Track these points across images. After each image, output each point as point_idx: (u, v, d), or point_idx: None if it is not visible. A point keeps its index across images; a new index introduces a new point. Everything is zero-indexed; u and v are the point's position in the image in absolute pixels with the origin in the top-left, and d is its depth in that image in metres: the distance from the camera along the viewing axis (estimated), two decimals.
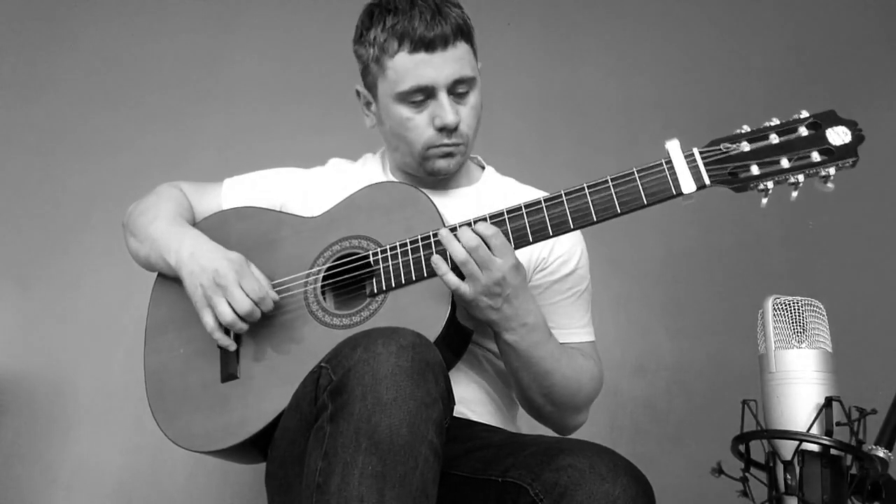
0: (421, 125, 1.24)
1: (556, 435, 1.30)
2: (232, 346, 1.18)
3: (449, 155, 1.27)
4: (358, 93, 1.33)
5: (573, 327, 1.31)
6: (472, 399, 1.25)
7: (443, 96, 1.22)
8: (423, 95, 1.22)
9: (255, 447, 1.16)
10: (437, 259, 1.09)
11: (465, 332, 1.16)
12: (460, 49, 1.21)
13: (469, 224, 1.10)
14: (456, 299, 1.11)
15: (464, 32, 1.22)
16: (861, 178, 1.98)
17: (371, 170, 1.39)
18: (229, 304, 1.14)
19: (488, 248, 1.07)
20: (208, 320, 1.16)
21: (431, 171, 1.29)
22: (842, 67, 2.28)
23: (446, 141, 1.25)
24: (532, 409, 1.28)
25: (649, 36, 2.35)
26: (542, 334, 1.16)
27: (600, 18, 2.36)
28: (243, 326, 1.15)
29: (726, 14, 2.37)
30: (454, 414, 1.02)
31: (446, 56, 1.20)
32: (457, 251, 1.07)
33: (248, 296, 1.14)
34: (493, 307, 1.10)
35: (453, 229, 1.11)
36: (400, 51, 1.20)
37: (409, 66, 1.20)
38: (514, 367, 1.19)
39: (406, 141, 1.26)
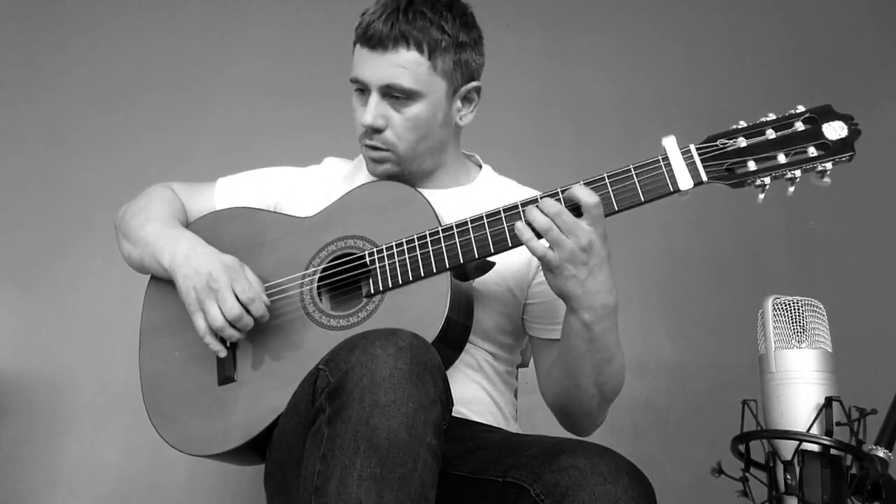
0: (358, 117, 1.26)
1: (556, 435, 1.29)
2: (222, 353, 1.17)
3: (377, 160, 1.27)
4: None
5: None
6: (471, 399, 1.25)
7: (373, 96, 1.22)
8: (362, 88, 1.24)
9: (253, 450, 1.15)
10: (521, 226, 1.05)
11: (464, 328, 1.16)
12: (403, 57, 1.19)
13: (557, 194, 1.07)
14: (542, 267, 1.08)
15: (415, 42, 1.19)
16: (861, 179, 1.99)
17: (367, 169, 1.39)
18: (220, 308, 1.13)
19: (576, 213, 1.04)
20: (200, 324, 1.15)
21: (368, 170, 1.30)
22: (841, 67, 2.28)
23: (367, 141, 1.25)
24: (572, 406, 1.22)
25: (649, 36, 2.35)
26: (615, 319, 1.12)
27: (600, 18, 2.36)
28: (233, 333, 1.14)
29: (725, 14, 2.37)
30: (454, 414, 1.01)
31: (384, 58, 1.19)
32: (538, 219, 1.04)
33: (238, 300, 1.13)
34: (578, 278, 1.05)
35: (552, 194, 1.07)
36: (358, 41, 1.23)
37: (356, 58, 1.23)
38: (579, 352, 1.13)
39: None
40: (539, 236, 1.05)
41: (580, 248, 1.03)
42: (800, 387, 1.08)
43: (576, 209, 1.04)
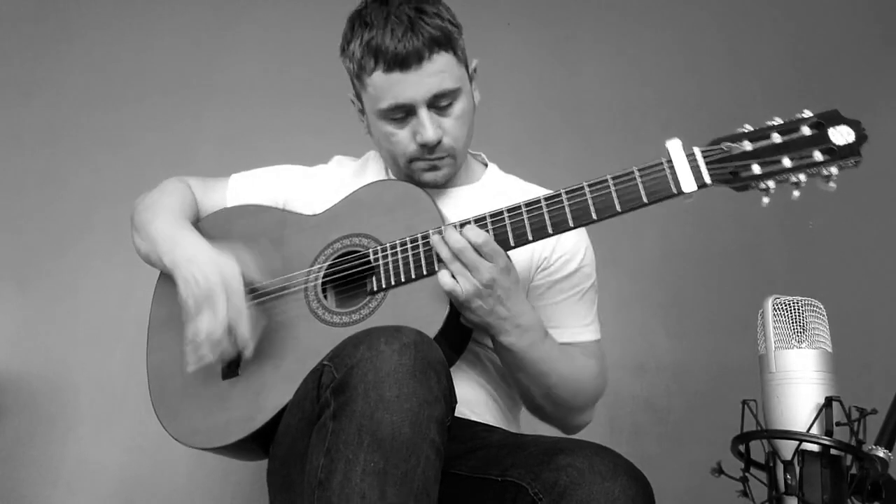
0: (404, 140, 1.24)
1: (556, 435, 1.30)
2: (191, 368, 1.15)
3: (433, 168, 1.27)
4: (352, 100, 1.33)
5: (577, 326, 1.30)
6: (473, 399, 1.25)
7: (422, 113, 1.20)
8: (402, 112, 1.21)
9: (255, 444, 1.16)
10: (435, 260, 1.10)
11: (465, 330, 1.17)
12: (438, 62, 1.18)
13: (455, 226, 1.11)
14: (452, 301, 1.11)
15: (441, 43, 1.18)
16: (861, 179, 1.98)
17: (374, 168, 1.40)
18: (209, 323, 1.12)
19: (478, 251, 1.08)
20: (188, 333, 1.15)
21: (420, 182, 1.28)
22: (842, 68, 2.28)
23: (428, 156, 1.25)
24: (535, 410, 1.28)
25: (649, 36, 2.35)
26: (537, 335, 1.16)
27: (600, 18, 2.36)
28: (206, 354, 1.12)
29: (727, 13, 2.37)
30: (455, 414, 1.02)
31: (422, 72, 1.17)
32: (443, 252, 1.09)
33: (224, 320, 1.11)
34: (486, 308, 1.10)
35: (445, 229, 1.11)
36: (376, 69, 1.18)
37: (386, 86, 1.18)
38: (512, 369, 1.19)
39: (392, 154, 1.27)
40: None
41: (483, 283, 1.08)
42: (800, 387, 1.08)
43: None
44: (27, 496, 1.92)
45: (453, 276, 1.09)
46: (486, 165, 1.42)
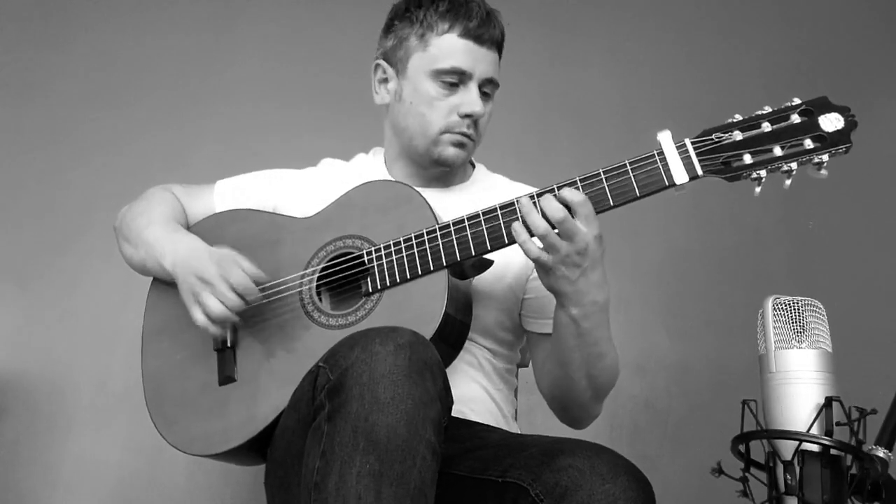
0: (444, 108, 1.26)
1: (555, 435, 1.29)
2: (225, 329, 1.17)
3: (460, 145, 1.29)
4: (376, 67, 1.34)
5: None
6: (470, 398, 1.25)
7: (474, 86, 1.26)
8: (456, 79, 1.26)
9: (253, 450, 1.16)
10: (518, 227, 1.06)
11: (463, 327, 1.16)
12: (495, 57, 1.29)
13: (553, 192, 1.06)
14: (536, 267, 1.09)
15: (501, 47, 1.30)
16: (861, 178, 1.99)
17: (364, 169, 1.39)
18: (218, 299, 1.13)
19: (575, 215, 1.04)
20: (198, 317, 1.15)
21: (438, 158, 1.29)
22: (841, 65, 2.28)
23: (465, 130, 1.27)
24: (565, 397, 1.23)
25: (649, 36, 2.35)
26: (605, 316, 1.13)
27: (600, 18, 2.36)
28: (230, 318, 1.14)
29: (726, 13, 2.37)
30: (453, 413, 1.02)
31: (488, 55, 1.27)
32: (537, 223, 1.04)
33: (234, 289, 1.13)
34: (570, 279, 1.06)
35: (542, 194, 1.07)
36: (450, 32, 1.25)
37: (455, 48, 1.25)
38: (569, 346, 1.14)
39: (424, 120, 1.28)
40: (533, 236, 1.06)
41: (576, 251, 1.04)
42: (800, 387, 1.08)
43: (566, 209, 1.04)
44: (27, 496, 1.92)
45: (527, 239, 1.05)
46: (473, 166, 1.43)
